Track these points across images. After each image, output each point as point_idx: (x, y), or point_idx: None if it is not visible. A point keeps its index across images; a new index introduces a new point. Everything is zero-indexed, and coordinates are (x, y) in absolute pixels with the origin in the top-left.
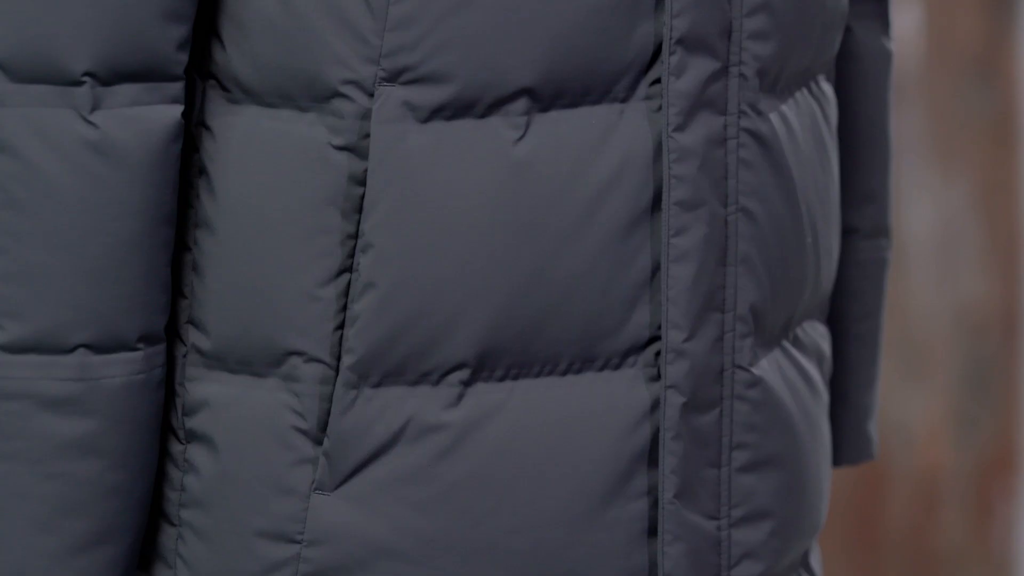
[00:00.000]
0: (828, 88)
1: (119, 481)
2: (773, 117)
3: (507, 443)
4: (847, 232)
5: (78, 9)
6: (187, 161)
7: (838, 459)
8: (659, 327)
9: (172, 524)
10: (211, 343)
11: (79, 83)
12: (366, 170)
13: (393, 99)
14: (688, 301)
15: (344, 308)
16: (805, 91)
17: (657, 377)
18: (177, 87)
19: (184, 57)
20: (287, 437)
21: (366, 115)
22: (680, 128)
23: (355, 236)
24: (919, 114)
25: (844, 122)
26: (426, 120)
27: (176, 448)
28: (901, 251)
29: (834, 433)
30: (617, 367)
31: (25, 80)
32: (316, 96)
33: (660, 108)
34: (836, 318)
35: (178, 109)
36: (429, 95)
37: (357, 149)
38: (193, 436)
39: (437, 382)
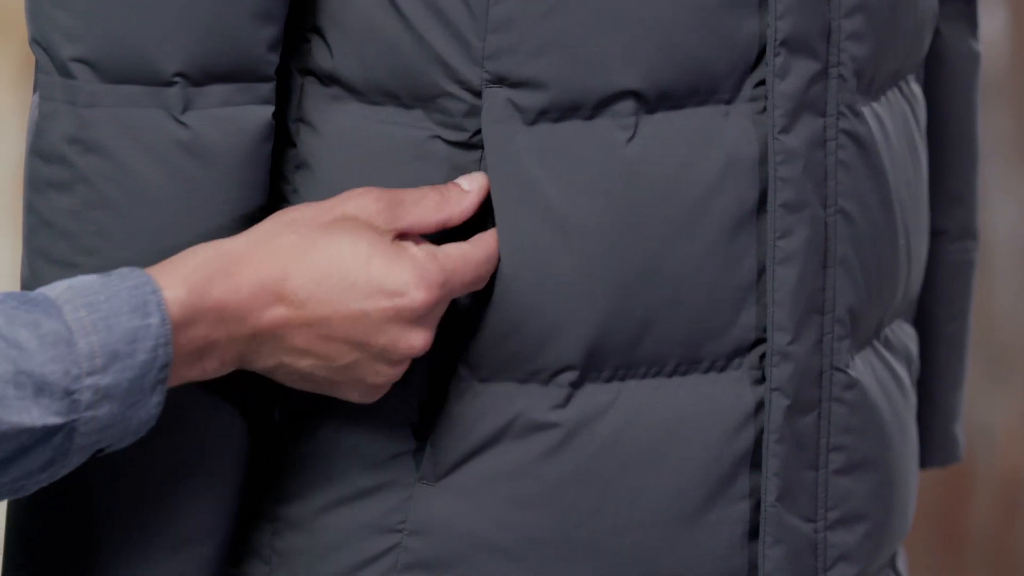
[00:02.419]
0: (917, 89)
1: (212, 479)
2: (869, 118)
3: (612, 444)
4: (935, 234)
5: (170, 10)
6: (281, 157)
7: (924, 461)
8: (764, 329)
9: (267, 520)
10: None
11: (170, 83)
12: (472, 167)
13: (500, 100)
14: (793, 303)
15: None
16: (896, 92)
17: (761, 379)
18: (268, 87)
19: (275, 58)
20: (392, 427)
21: (471, 112)
22: (785, 130)
23: None
24: (1004, 116)
25: (932, 124)
26: (533, 123)
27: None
28: (986, 253)
29: (921, 435)
30: (723, 369)
31: (116, 81)
32: (421, 95)
33: (764, 110)
34: (924, 320)
35: (269, 110)
36: (532, 98)
37: (463, 146)
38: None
39: (547, 381)
